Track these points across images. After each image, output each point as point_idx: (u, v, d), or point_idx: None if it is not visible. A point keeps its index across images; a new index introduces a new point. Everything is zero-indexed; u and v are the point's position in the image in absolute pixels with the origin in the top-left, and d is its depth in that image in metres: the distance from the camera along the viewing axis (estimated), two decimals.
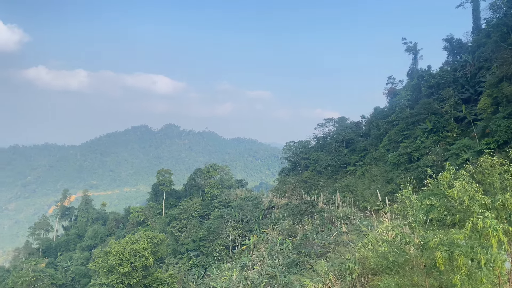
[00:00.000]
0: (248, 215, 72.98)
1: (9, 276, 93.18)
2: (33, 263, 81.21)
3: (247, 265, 51.45)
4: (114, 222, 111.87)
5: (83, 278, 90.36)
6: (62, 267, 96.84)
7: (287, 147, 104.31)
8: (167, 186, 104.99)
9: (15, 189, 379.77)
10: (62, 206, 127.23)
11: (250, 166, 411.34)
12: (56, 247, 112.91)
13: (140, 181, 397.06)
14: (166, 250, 63.65)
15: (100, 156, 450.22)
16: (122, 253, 46.73)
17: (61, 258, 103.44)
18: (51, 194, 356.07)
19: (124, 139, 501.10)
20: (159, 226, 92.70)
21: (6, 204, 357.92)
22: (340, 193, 65.76)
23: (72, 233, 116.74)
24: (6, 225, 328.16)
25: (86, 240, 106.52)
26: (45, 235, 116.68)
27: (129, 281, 45.14)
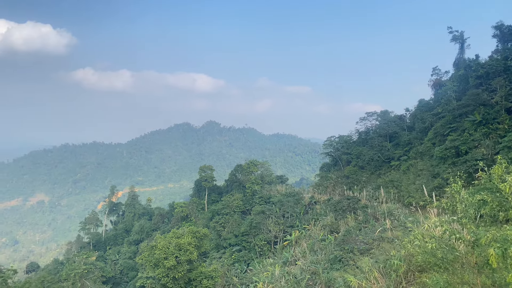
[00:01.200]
0: (289, 211, 72.88)
1: (63, 268, 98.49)
2: (85, 256, 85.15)
3: (289, 261, 51.46)
4: (159, 217, 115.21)
5: (130, 271, 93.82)
6: (111, 261, 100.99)
7: (328, 142, 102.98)
8: (209, 182, 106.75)
9: (66, 186, 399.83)
10: (110, 202, 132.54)
11: (290, 161, 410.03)
12: (105, 241, 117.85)
13: (183, 177, 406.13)
14: (210, 244, 64.86)
15: (145, 153, 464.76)
16: (167, 247, 48.08)
17: (110, 252, 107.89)
18: (100, 190, 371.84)
19: (168, 137, 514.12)
20: (202, 221, 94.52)
21: (59, 200, 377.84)
22: (383, 188, 64.20)
23: (120, 228, 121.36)
24: (59, 220, 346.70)
25: (133, 234, 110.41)
26: (95, 229, 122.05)
27: (174, 275, 46.38)
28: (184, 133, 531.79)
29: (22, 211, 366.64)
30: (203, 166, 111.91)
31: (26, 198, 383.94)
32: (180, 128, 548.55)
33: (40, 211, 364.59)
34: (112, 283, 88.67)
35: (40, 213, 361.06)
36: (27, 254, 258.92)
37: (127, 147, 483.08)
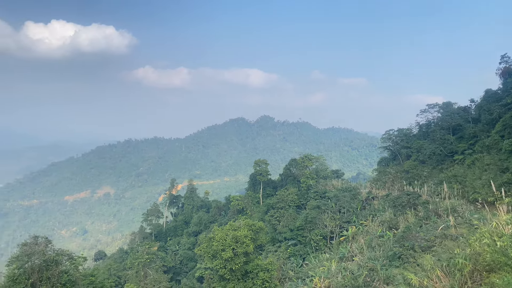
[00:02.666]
0: (346, 206, 71.72)
1: (127, 257, 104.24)
2: (147, 246, 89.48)
3: (346, 256, 50.78)
4: (217, 209, 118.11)
5: (190, 261, 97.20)
6: (171, 251, 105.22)
7: (386, 136, 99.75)
8: (264, 176, 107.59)
9: (130, 179, 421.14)
10: (170, 194, 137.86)
11: (346, 156, 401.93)
12: (166, 232, 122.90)
13: (239, 171, 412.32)
14: (265, 238, 65.56)
15: (202, 148, 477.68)
16: (224, 239, 49.31)
17: (171, 243, 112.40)
18: (161, 183, 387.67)
19: (223, 132, 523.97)
20: (257, 214, 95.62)
21: (123, 192, 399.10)
22: (446, 183, 61.17)
23: (180, 220, 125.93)
24: (123, 211, 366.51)
25: (192, 226, 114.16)
26: (156, 221, 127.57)
27: (232, 266, 47.50)
28: (239, 127, 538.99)
29: (90, 202, 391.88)
30: (258, 160, 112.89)
31: (94, 191, 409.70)
32: (235, 123, 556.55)
33: (106, 202, 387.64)
34: (173, 273, 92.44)
35: (106, 205, 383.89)
36: (95, 243, 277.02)
37: (186, 142, 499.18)
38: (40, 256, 45.93)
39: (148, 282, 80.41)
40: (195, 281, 76.97)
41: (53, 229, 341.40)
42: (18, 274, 44.12)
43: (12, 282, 43.64)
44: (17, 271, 44.69)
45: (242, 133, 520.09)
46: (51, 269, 45.65)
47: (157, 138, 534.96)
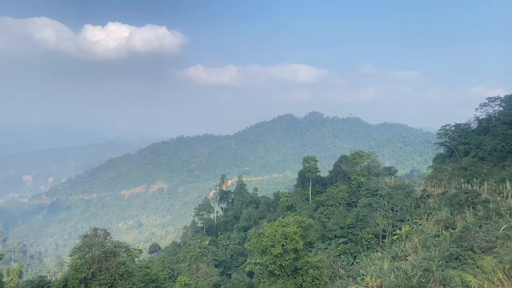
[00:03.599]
0: (399, 204, 69.47)
1: (180, 250, 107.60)
2: (199, 240, 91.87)
3: (399, 256, 49.26)
4: (265, 205, 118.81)
5: (240, 256, 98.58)
6: (222, 245, 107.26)
7: (443, 131, 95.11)
8: (313, 173, 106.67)
9: (182, 174, 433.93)
10: (220, 190, 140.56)
11: (399, 152, 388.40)
12: (216, 226, 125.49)
13: (287, 167, 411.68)
14: (315, 235, 65.06)
15: (251, 144, 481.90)
16: (274, 235, 49.53)
17: (221, 237, 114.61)
18: (211, 179, 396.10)
19: (272, 128, 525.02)
20: (306, 211, 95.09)
21: (176, 187, 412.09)
22: (509, 181, 57.48)
23: (230, 215, 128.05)
24: (176, 206, 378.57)
25: (242, 221, 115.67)
26: (207, 215, 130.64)
27: (281, 262, 47.64)
28: (287, 124, 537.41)
29: (146, 197, 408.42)
30: (307, 157, 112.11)
31: (149, 186, 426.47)
32: (283, 120, 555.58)
33: (160, 197, 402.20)
34: (224, 267, 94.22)
35: (160, 199, 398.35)
36: (149, 236, 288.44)
37: (235, 138, 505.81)
38: (100, 248, 48.62)
39: (200, 275, 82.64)
40: (245, 275, 77.98)
41: (111, 222, 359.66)
42: (80, 263, 47.02)
43: (75, 271, 46.58)
44: (79, 261, 47.63)
45: (290, 130, 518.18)
46: (109, 260, 48.20)
47: (207, 135, 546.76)
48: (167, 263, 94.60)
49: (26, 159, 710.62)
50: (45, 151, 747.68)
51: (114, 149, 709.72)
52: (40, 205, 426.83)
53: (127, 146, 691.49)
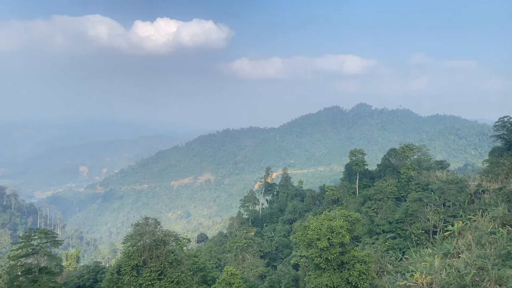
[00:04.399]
0: (451, 199, 66.62)
1: (226, 240, 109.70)
2: (245, 231, 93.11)
3: (451, 253, 47.39)
4: (311, 199, 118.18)
5: (285, 248, 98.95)
6: (267, 237, 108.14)
7: (500, 123, 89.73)
8: (360, 166, 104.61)
9: (228, 166, 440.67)
10: (265, 182, 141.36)
11: (452, 145, 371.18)
12: (262, 218, 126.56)
13: (333, 160, 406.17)
14: (362, 229, 63.95)
15: (296, 137, 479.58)
16: (319, 229, 49.26)
17: (266, 229, 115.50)
18: (256, 171, 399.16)
19: (317, 121, 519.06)
20: (353, 205, 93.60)
21: (223, 179, 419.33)
22: None
23: (275, 207, 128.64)
24: (223, 197, 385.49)
25: (287, 214, 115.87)
26: (252, 207, 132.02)
27: (327, 256, 47.34)
28: (334, 116, 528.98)
29: (193, 188, 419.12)
30: (354, 150, 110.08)
31: (196, 177, 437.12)
32: (329, 112, 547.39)
33: (207, 188, 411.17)
34: (269, 258, 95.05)
35: (207, 190, 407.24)
36: (197, 226, 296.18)
37: (280, 131, 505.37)
38: (151, 236, 50.60)
39: (246, 265, 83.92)
40: (291, 268, 78.24)
41: (161, 212, 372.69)
42: (132, 251, 49.22)
43: (127, 258, 48.84)
44: (131, 248, 49.86)
45: (336, 122, 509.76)
46: (159, 248, 50.08)
47: (252, 127, 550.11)
48: (214, 253, 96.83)
49: (82, 151, 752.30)
50: (99, 143, 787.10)
51: (164, 142, 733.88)
52: (95, 195, 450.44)
53: (176, 138, 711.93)
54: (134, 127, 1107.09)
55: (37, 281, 48.03)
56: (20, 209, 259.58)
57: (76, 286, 78.31)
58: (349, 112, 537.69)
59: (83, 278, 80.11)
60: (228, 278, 45.42)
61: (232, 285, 44.67)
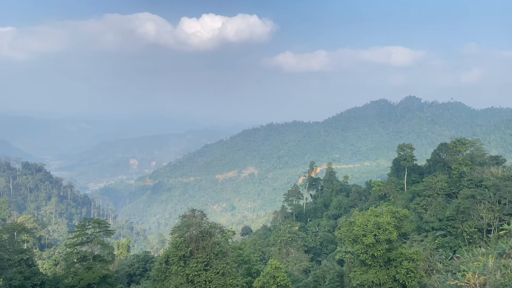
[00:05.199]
0: (507, 197, 63.08)
1: (270, 234, 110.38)
2: (289, 225, 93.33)
3: (506, 253, 45.03)
4: (357, 194, 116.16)
5: (330, 244, 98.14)
6: (311, 232, 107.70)
7: None
8: (409, 161, 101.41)
9: (272, 160, 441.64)
10: (309, 177, 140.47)
11: (508, 140, 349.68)
12: (306, 213, 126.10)
13: (380, 155, 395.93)
14: (410, 226, 62.15)
15: (341, 131, 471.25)
16: (365, 225, 48.41)
17: (311, 224, 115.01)
18: (300, 166, 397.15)
19: (363, 114, 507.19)
20: (401, 201, 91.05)
21: (266, 173, 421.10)
22: None
23: (319, 202, 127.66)
24: (266, 191, 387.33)
25: (332, 209, 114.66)
26: (296, 201, 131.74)
27: (373, 252, 46.47)
28: (381, 110, 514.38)
29: (238, 181, 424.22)
30: (402, 144, 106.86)
31: (240, 171, 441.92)
32: (376, 105, 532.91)
33: (251, 182, 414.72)
34: (313, 253, 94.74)
35: (251, 184, 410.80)
36: (241, 219, 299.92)
37: (324, 125, 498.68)
38: (197, 228, 51.87)
39: (290, 259, 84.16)
40: (335, 263, 77.57)
41: (206, 204, 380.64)
42: (180, 242, 50.73)
43: (175, 248, 50.41)
44: (179, 239, 51.39)
45: (384, 116, 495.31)
46: (205, 240, 51.25)
47: (296, 121, 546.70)
48: (258, 246, 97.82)
49: (132, 144, 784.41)
50: (148, 137, 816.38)
51: (209, 136, 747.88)
52: (144, 187, 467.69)
53: (220, 132, 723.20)
54: (181, 122, 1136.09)
55: (91, 268, 50.87)
56: (75, 200, 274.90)
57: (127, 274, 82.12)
58: (397, 105, 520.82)
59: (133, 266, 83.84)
60: (272, 271, 45.76)
61: (277, 279, 44.97)
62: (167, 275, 49.77)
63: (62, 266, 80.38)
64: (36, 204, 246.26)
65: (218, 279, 47.60)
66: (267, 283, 44.90)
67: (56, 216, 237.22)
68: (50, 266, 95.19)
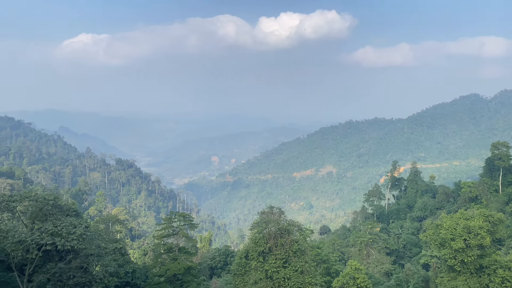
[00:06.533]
0: None
1: (349, 234, 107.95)
2: (370, 226, 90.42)
3: None
4: (444, 195, 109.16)
5: (414, 247, 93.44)
6: (394, 234, 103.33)
7: None
8: (504, 161, 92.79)
9: (351, 159, 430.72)
10: (392, 176, 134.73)
11: None
12: (388, 214, 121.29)
13: (471, 154, 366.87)
14: (506, 231, 56.88)
15: (427, 128, 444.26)
16: (454, 228, 45.34)
17: (393, 225, 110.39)
18: (381, 165, 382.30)
19: (452, 110, 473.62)
20: (495, 204, 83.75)
21: (345, 172, 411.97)
22: None
23: (402, 203, 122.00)
24: (345, 190, 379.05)
25: (416, 211, 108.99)
26: (377, 202, 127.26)
27: (463, 258, 43.36)
28: (471, 105, 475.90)
29: (315, 180, 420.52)
30: (496, 142, 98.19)
31: (318, 169, 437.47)
32: (467, 100, 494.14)
33: (329, 181, 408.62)
34: (396, 256, 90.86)
35: (329, 183, 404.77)
36: (319, 218, 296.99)
37: (408, 122, 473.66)
38: (275, 224, 52.52)
39: (370, 261, 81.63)
40: (420, 267, 73.60)
41: (284, 202, 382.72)
42: (259, 238, 51.75)
43: (254, 244, 51.52)
44: (258, 235, 52.45)
45: (475, 112, 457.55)
46: (284, 237, 51.70)
47: (377, 118, 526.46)
48: (337, 246, 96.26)
49: (213, 142, 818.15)
50: (228, 135, 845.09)
51: (286, 133, 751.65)
52: (224, 183, 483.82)
53: (297, 130, 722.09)
54: (258, 120, 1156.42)
55: (177, 259, 53.90)
56: (162, 194, 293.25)
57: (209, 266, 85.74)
58: (490, 100, 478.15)
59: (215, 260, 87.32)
60: (352, 272, 44.86)
61: (357, 280, 44.00)
62: (246, 269, 51.08)
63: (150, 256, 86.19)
64: (128, 198, 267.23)
65: (297, 277, 47.75)
66: (347, 283, 44.13)
67: (145, 209, 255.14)
68: (140, 255, 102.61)
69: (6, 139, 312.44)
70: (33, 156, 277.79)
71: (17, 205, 44.21)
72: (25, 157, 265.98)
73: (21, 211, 45.90)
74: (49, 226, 40.54)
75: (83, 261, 43.40)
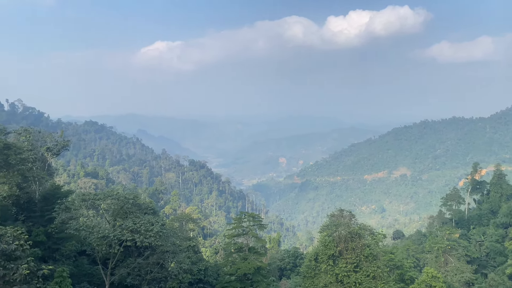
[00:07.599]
0: None
1: (425, 240, 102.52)
2: (447, 232, 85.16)
3: None
4: None
5: (498, 255, 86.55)
6: (475, 241, 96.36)
7: None
8: None
9: (426, 161, 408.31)
10: (472, 179, 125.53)
11: None
12: (468, 220, 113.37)
13: None
14: None
15: None
16: None
17: (474, 232, 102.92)
18: (460, 167, 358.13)
19: None
20: None
21: (420, 174, 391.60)
22: None
23: (485, 208, 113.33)
24: (420, 193, 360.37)
25: (501, 217, 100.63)
26: (456, 206, 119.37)
27: None
28: None
29: (388, 182, 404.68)
30: None
31: (390, 171, 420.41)
32: None
33: (402, 183, 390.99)
34: (477, 265, 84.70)
35: (403, 186, 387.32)
36: (392, 222, 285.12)
37: (491, 121, 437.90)
38: (346, 228, 51.59)
39: (449, 269, 76.90)
40: (506, 278, 67.93)
41: (354, 205, 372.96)
42: (329, 241, 51.16)
43: (324, 247, 51.02)
44: (328, 238, 51.86)
45: None
46: (355, 241, 50.59)
47: (455, 118, 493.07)
48: (411, 252, 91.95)
49: (281, 143, 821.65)
50: (295, 136, 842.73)
51: (356, 134, 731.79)
52: (292, 184, 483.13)
53: (368, 131, 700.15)
54: (326, 120, 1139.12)
55: (247, 259, 54.95)
56: (232, 194, 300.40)
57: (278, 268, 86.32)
58: None
59: (284, 261, 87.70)
60: (428, 280, 42.70)
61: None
62: (316, 272, 50.74)
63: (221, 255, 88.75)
64: (200, 197, 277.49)
65: (369, 282, 46.51)
66: None
67: (216, 208, 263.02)
68: (211, 254, 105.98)
69: (91, 142, 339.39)
70: (115, 157, 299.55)
71: (101, 203, 47.92)
72: (107, 158, 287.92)
73: (104, 208, 49.69)
74: (129, 223, 43.44)
75: (159, 257, 45.93)
